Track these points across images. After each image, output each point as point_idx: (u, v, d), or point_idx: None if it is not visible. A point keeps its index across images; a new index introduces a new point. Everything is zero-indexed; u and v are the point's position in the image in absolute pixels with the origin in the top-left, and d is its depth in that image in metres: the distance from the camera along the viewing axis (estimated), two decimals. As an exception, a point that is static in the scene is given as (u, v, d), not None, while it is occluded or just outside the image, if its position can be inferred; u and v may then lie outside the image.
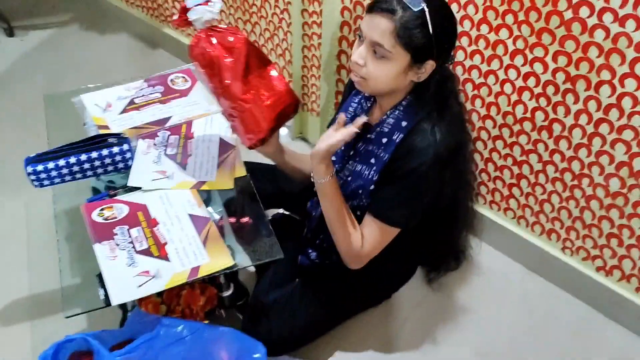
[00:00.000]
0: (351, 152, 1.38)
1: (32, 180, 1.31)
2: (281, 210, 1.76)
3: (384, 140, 1.29)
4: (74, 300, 1.19)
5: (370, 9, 1.20)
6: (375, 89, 1.26)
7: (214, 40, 1.22)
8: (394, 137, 1.28)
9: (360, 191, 1.33)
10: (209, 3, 1.18)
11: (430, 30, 1.16)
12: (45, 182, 1.32)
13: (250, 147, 1.35)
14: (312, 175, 1.32)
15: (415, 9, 1.15)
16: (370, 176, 1.31)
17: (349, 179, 1.36)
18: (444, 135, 1.25)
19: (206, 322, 1.42)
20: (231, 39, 1.24)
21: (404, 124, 1.28)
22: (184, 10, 1.19)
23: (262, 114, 1.29)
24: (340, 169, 1.40)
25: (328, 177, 1.28)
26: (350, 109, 1.44)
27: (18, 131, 2.30)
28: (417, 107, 1.28)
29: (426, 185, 1.28)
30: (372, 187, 1.31)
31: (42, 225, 1.91)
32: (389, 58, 1.19)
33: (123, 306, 1.43)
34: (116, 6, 2.96)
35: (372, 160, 1.31)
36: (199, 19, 1.20)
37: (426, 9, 1.15)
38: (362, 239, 1.32)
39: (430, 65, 1.21)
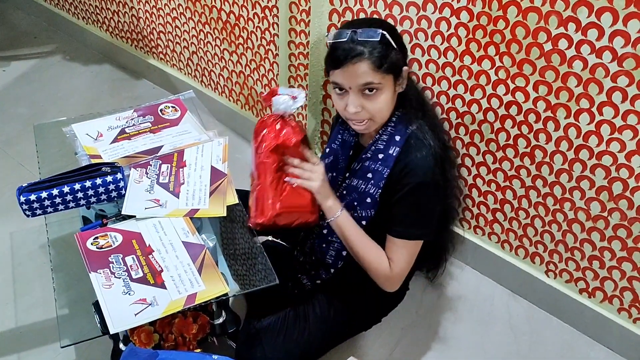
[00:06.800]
0: (347, 174, 1.43)
1: (25, 210, 1.30)
2: (270, 238, 1.78)
3: (381, 156, 1.35)
4: (69, 329, 1.18)
5: (338, 64, 1.27)
6: (383, 120, 1.34)
7: (277, 126, 1.34)
8: (391, 152, 1.34)
9: (355, 203, 1.39)
10: (295, 99, 1.33)
11: (394, 45, 1.27)
12: (38, 212, 1.31)
13: (253, 227, 1.39)
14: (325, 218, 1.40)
15: (377, 38, 1.24)
16: (367, 189, 1.36)
17: (345, 192, 1.41)
18: (433, 136, 1.35)
19: (199, 350, 1.41)
20: (289, 132, 1.34)
21: (397, 138, 1.35)
22: (273, 93, 1.35)
23: (272, 204, 1.35)
24: (336, 190, 1.44)
25: (339, 211, 1.36)
26: (339, 136, 1.50)
27: (1, 162, 2.29)
28: (406, 120, 1.36)
29: (437, 191, 1.35)
30: (368, 199, 1.36)
31: (27, 255, 1.89)
32: (380, 89, 1.27)
33: (115, 336, 1.42)
34: (99, 37, 2.97)
35: (369, 175, 1.36)
36: (278, 107, 1.34)
37: (384, 32, 1.25)
38: (390, 261, 1.37)
39: (405, 72, 1.32)
